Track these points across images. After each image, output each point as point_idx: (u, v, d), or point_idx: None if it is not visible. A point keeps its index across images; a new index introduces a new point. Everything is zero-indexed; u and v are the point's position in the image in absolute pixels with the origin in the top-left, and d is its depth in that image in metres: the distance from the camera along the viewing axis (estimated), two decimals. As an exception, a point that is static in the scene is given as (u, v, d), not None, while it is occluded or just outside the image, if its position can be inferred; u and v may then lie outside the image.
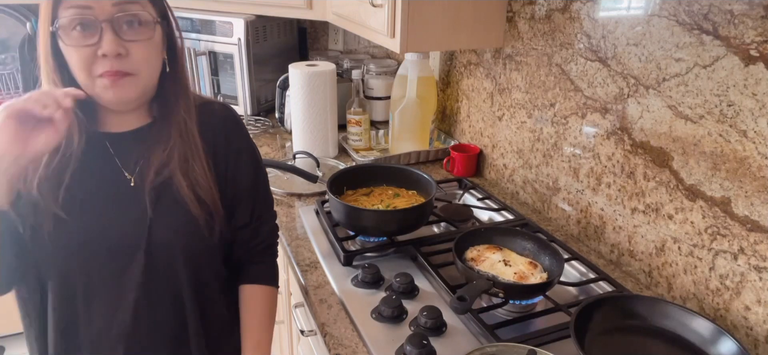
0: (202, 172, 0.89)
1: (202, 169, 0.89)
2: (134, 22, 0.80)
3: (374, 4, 1.35)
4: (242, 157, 0.98)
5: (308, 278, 1.14)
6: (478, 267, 1.06)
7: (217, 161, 0.93)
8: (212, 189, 0.90)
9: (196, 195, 0.88)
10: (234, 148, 0.96)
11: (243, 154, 0.98)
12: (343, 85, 1.93)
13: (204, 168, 0.89)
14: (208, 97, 1.04)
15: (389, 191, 1.36)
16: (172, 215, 0.87)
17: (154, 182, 0.86)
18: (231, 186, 0.96)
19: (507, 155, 1.54)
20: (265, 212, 1.04)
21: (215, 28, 2.03)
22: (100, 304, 0.87)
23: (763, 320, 0.91)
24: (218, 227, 0.92)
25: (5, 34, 2.25)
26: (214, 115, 0.96)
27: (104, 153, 0.88)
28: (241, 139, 0.99)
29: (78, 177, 0.84)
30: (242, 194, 0.97)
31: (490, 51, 1.56)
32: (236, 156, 0.97)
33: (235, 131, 0.98)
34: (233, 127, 0.98)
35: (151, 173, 0.86)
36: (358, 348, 0.94)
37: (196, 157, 0.89)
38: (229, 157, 0.95)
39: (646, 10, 1.04)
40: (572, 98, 1.26)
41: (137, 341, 0.89)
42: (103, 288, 0.87)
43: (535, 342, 0.88)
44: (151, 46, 0.83)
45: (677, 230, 1.04)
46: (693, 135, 0.98)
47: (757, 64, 0.86)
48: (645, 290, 1.12)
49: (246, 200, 0.98)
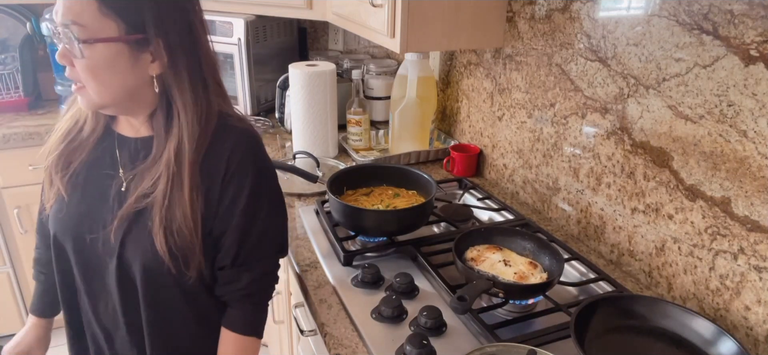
0: (181, 213, 0.83)
1: (183, 210, 0.83)
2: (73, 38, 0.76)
3: (374, 4, 1.35)
4: (241, 196, 0.88)
5: (308, 278, 1.14)
6: (478, 267, 1.06)
7: (211, 195, 0.86)
8: (191, 231, 0.84)
9: (166, 234, 0.83)
10: (234, 183, 0.87)
11: (243, 192, 0.88)
12: (343, 85, 1.93)
13: (186, 207, 0.83)
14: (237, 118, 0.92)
15: (389, 191, 1.36)
16: (139, 243, 0.85)
17: (133, 206, 0.85)
18: (219, 223, 0.88)
19: (507, 155, 1.54)
20: (251, 261, 0.92)
21: (215, 28, 2.03)
22: (91, 291, 0.93)
23: (763, 320, 0.91)
24: (194, 266, 0.87)
25: (5, 34, 2.25)
26: (226, 143, 0.87)
27: (111, 151, 0.90)
28: (248, 175, 0.88)
29: (84, 164, 0.90)
30: (228, 235, 0.89)
31: (490, 51, 1.56)
32: (235, 193, 0.87)
33: (243, 165, 0.88)
34: (242, 159, 0.87)
35: (134, 197, 0.85)
36: (358, 348, 0.94)
37: (180, 195, 0.83)
38: (225, 193, 0.87)
39: (646, 10, 1.04)
40: (572, 98, 1.26)
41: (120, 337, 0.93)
42: (93, 277, 0.92)
43: (535, 342, 0.88)
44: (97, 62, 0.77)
45: (677, 230, 1.04)
46: (693, 135, 0.98)
47: (757, 64, 0.86)
48: (645, 290, 1.12)
49: (231, 242, 0.89)
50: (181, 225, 0.83)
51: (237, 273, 0.92)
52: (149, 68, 0.82)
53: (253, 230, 0.90)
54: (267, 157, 0.94)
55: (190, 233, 0.84)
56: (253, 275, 0.93)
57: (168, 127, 0.85)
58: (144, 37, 0.79)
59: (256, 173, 0.89)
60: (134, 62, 0.80)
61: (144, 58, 0.80)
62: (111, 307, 0.92)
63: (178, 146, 0.83)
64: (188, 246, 0.84)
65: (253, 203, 0.89)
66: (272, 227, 0.95)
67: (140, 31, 0.78)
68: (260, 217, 0.91)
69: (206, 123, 0.85)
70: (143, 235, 0.85)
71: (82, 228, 0.89)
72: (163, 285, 0.88)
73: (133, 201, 0.84)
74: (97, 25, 0.76)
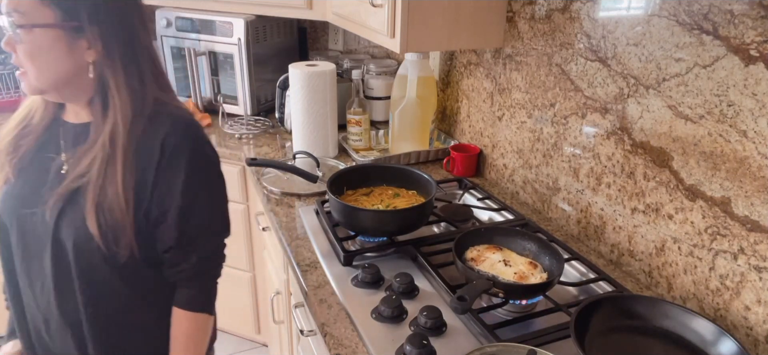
0: (114, 192, 0.87)
1: (115, 189, 0.87)
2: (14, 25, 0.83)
3: (374, 4, 1.35)
4: (177, 178, 0.92)
5: (308, 278, 1.14)
6: (478, 267, 1.06)
7: (146, 176, 0.90)
8: (122, 210, 0.88)
9: (98, 212, 0.87)
10: (171, 166, 0.91)
11: (179, 174, 0.92)
12: (343, 85, 1.93)
13: (118, 186, 0.87)
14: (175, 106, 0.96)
15: (389, 191, 1.36)
16: (72, 221, 0.90)
17: (69, 186, 0.89)
18: (157, 206, 0.92)
19: (507, 155, 1.54)
20: (200, 239, 0.97)
21: (215, 28, 2.04)
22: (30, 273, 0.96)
23: (763, 320, 0.91)
24: (125, 245, 0.90)
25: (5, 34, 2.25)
26: (162, 127, 0.91)
27: (56, 136, 0.97)
28: (184, 159, 0.92)
29: (31, 149, 0.96)
30: (169, 216, 0.92)
31: (490, 51, 1.56)
32: (172, 176, 0.91)
33: (178, 149, 0.91)
34: (177, 144, 0.91)
35: (70, 177, 0.90)
36: (358, 348, 0.94)
37: (113, 175, 0.88)
38: (162, 176, 0.91)
39: (646, 10, 1.04)
40: (572, 98, 1.26)
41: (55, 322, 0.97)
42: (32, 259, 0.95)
43: (535, 342, 0.88)
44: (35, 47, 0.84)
45: (677, 230, 1.04)
46: (693, 135, 0.98)
47: (757, 64, 0.86)
48: (645, 290, 1.12)
49: (172, 223, 0.93)
50: (112, 204, 0.88)
51: (184, 254, 0.96)
52: (85, 55, 0.88)
53: (194, 211, 0.95)
54: (205, 143, 0.98)
55: (121, 212, 0.88)
56: (199, 255, 0.98)
57: (104, 112, 0.90)
58: (79, 24, 0.85)
59: (192, 157, 0.93)
60: (70, 48, 0.86)
61: (80, 44, 0.87)
62: (46, 289, 0.95)
63: (113, 129, 0.89)
64: (119, 224, 0.89)
65: (191, 186, 0.93)
66: (214, 209, 1.00)
67: (76, 19, 0.85)
68: (200, 199, 0.96)
69: (141, 108, 0.91)
70: (77, 214, 0.89)
71: (24, 208, 0.93)
72: (95, 265, 0.92)
73: (70, 181, 0.90)
74: (35, 12, 0.83)
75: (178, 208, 0.92)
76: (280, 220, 1.37)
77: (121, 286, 0.95)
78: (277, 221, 1.37)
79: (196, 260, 0.97)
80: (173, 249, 0.95)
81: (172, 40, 2.14)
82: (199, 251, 0.97)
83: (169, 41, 2.15)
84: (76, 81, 0.89)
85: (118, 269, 0.93)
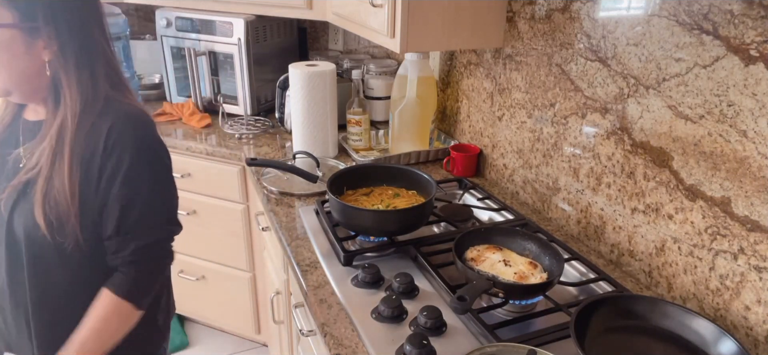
0: (60, 183, 0.92)
1: (61, 180, 0.92)
2: None
3: (374, 4, 1.35)
4: (120, 170, 0.95)
5: (308, 278, 1.14)
6: (478, 267, 1.06)
7: (92, 167, 0.94)
8: (67, 200, 0.92)
9: (45, 202, 0.92)
10: (113, 157, 0.95)
11: (122, 166, 0.95)
12: (343, 85, 1.93)
13: (64, 177, 0.92)
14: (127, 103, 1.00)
15: (389, 191, 1.36)
16: (22, 212, 0.95)
17: (21, 179, 0.94)
18: (100, 195, 0.96)
19: (507, 155, 1.54)
20: (136, 230, 0.99)
21: (215, 28, 2.04)
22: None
23: (763, 320, 0.91)
24: (70, 234, 0.94)
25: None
26: (107, 119, 0.95)
27: (16, 133, 1.02)
28: (127, 150, 0.95)
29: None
30: (109, 205, 0.96)
31: (490, 51, 1.56)
32: (114, 166, 0.95)
33: (121, 141, 0.95)
34: (121, 135, 0.95)
35: (24, 169, 0.95)
36: (358, 348, 0.94)
37: (61, 167, 0.92)
38: (105, 166, 0.95)
39: (646, 10, 1.04)
40: (572, 98, 1.26)
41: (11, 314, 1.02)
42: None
43: (535, 342, 0.88)
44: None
45: (677, 230, 1.04)
46: (693, 135, 0.98)
47: (757, 64, 0.86)
48: (645, 290, 1.12)
49: (112, 212, 0.96)
50: (58, 194, 0.92)
51: (123, 242, 0.98)
52: (42, 54, 0.92)
53: (135, 201, 0.97)
54: (152, 136, 1.01)
55: (66, 202, 0.92)
56: (138, 244, 0.99)
57: (56, 108, 0.95)
58: (36, 25, 0.90)
59: (136, 149, 0.97)
60: (28, 47, 0.91)
61: (37, 44, 0.91)
62: (1, 279, 0.99)
63: (62, 123, 0.93)
64: (64, 214, 0.93)
65: (133, 176, 0.96)
66: (156, 200, 1.02)
67: (33, 20, 0.89)
68: (142, 190, 0.98)
69: (91, 105, 0.95)
70: (27, 205, 0.94)
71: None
72: (43, 255, 0.96)
73: (22, 173, 0.95)
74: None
75: (118, 198, 0.96)
76: (280, 220, 1.37)
77: (66, 273, 0.99)
78: (277, 221, 1.37)
79: (133, 249, 0.99)
80: (112, 237, 0.98)
81: (172, 40, 2.14)
82: (137, 240, 0.99)
83: (169, 41, 2.15)
84: (36, 80, 0.94)
85: (64, 258, 0.97)
